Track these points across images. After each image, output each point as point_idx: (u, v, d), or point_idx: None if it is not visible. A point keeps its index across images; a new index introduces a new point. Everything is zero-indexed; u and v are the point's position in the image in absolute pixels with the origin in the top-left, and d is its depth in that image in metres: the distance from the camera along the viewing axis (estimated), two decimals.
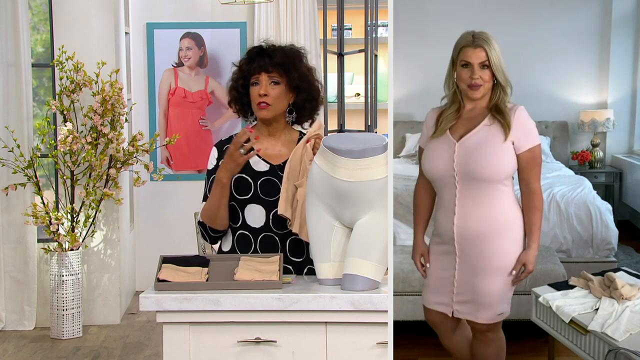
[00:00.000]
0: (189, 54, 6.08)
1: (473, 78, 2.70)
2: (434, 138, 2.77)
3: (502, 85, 2.73)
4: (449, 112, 2.78)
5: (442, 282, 2.85)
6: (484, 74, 2.71)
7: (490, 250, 2.77)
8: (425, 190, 2.85)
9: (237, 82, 2.85)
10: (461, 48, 2.75)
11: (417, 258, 2.84)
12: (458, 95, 2.77)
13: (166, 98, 6.11)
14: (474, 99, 2.75)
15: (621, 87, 4.87)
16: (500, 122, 2.70)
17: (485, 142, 2.71)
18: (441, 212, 2.79)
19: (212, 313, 2.43)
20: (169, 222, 6.12)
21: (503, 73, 2.73)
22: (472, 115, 2.79)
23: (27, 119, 5.11)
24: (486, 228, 2.78)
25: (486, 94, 2.75)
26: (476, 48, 2.72)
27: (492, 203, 2.78)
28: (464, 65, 2.73)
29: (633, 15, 4.78)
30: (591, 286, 2.85)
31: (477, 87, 2.71)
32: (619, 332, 2.65)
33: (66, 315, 5.01)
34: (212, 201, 2.79)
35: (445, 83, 2.83)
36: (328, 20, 5.57)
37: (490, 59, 2.70)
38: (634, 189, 4.80)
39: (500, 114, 2.72)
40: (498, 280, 2.79)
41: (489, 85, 2.73)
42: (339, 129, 5.38)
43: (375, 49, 5.59)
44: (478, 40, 2.72)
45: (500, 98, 2.73)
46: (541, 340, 3.53)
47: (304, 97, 2.86)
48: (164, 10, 6.07)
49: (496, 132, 2.71)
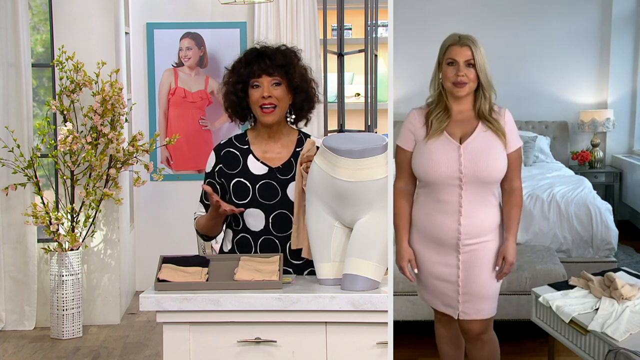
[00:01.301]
0: (189, 54, 6.08)
1: (458, 75, 2.75)
2: (430, 139, 2.77)
3: (484, 87, 2.78)
4: (438, 112, 2.81)
5: (447, 285, 2.86)
6: (469, 72, 2.76)
7: (490, 245, 2.82)
8: (407, 195, 2.87)
9: (236, 86, 2.82)
10: (447, 47, 2.82)
11: (405, 264, 2.86)
12: (443, 95, 2.82)
13: (166, 98, 6.11)
14: (459, 97, 2.79)
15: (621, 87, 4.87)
16: (493, 129, 2.77)
17: (487, 146, 2.76)
18: (441, 215, 2.79)
19: (212, 313, 2.43)
20: (169, 222, 6.12)
21: (486, 75, 2.78)
22: (463, 118, 2.82)
23: (27, 119, 5.11)
24: (491, 224, 2.82)
25: (470, 94, 2.80)
26: (462, 47, 2.78)
27: (493, 202, 2.83)
28: (449, 64, 2.79)
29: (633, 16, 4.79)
30: (591, 286, 2.86)
31: (462, 84, 2.76)
32: (619, 332, 2.65)
33: (66, 315, 5.01)
34: (205, 221, 2.86)
35: (430, 84, 2.88)
36: (328, 20, 5.57)
37: (476, 59, 2.76)
38: (634, 189, 4.81)
39: (489, 122, 2.78)
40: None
41: (473, 85, 2.78)
42: (339, 129, 5.39)
43: (375, 49, 5.60)
44: (464, 40, 2.79)
45: (482, 102, 2.79)
46: (541, 340, 3.54)
47: (303, 97, 2.85)
48: (164, 10, 6.07)
49: (492, 136, 2.78)
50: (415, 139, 2.83)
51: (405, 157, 2.84)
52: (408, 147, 2.84)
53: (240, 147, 2.87)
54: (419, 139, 2.82)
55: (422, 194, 2.85)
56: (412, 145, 2.83)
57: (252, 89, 2.79)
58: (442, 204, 2.78)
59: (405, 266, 2.85)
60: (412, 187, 2.87)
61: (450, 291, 2.86)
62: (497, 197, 2.85)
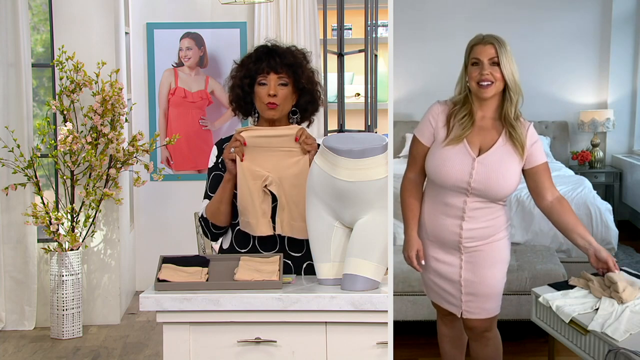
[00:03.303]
0: (189, 54, 6.09)
1: (483, 74, 2.69)
2: (448, 145, 2.74)
3: (511, 89, 2.71)
4: (462, 117, 2.75)
5: (449, 283, 2.87)
6: (494, 71, 2.70)
7: (494, 246, 2.82)
8: (417, 185, 2.84)
9: (243, 80, 2.83)
10: (471, 47, 2.76)
11: (413, 254, 2.81)
12: (469, 98, 2.76)
13: (166, 98, 6.11)
14: (484, 99, 2.73)
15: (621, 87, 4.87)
16: (514, 142, 2.72)
17: (502, 162, 2.71)
18: (444, 217, 2.79)
19: (212, 313, 2.43)
20: (169, 222, 6.13)
21: (513, 75, 2.71)
22: (484, 125, 2.76)
23: (27, 119, 5.11)
24: (493, 229, 2.81)
25: (496, 96, 2.73)
26: (485, 45, 2.72)
27: (498, 207, 2.81)
28: (474, 64, 2.73)
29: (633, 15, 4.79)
30: (591, 286, 2.85)
31: (487, 83, 2.69)
32: (619, 332, 2.65)
33: (66, 315, 5.01)
34: (215, 195, 2.82)
35: (456, 85, 2.82)
36: (328, 20, 5.57)
37: (500, 57, 2.69)
38: (634, 189, 4.80)
39: (514, 130, 2.72)
40: (499, 270, 2.86)
41: (499, 85, 2.71)
42: (339, 129, 5.39)
43: (375, 49, 5.60)
44: (488, 38, 2.73)
45: (508, 106, 2.72)
46: (541, 340, 3.53)
47: (308, 99, 2.86)
48: (164, 10, 6.08)
49: (510, 150, 2.73)
50: (435, 137, 2.77)
51: (422, 151, 2.79)
52: (426, 142, 2.78)
53: None
54: (438, 138, 2.76)
55: (429, 192, 2.85)
56: (430, 141, 2.78)
57: (259, 86, 2.80)
58: (446, 206, 2.77)
59: (413, 256, 2.80)
60: (422, 179, 2.83)
61: (452, 290, 2.86)
62: (504, 201, 2.82)
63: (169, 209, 6.14)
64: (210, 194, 2.88)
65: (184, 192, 6.03)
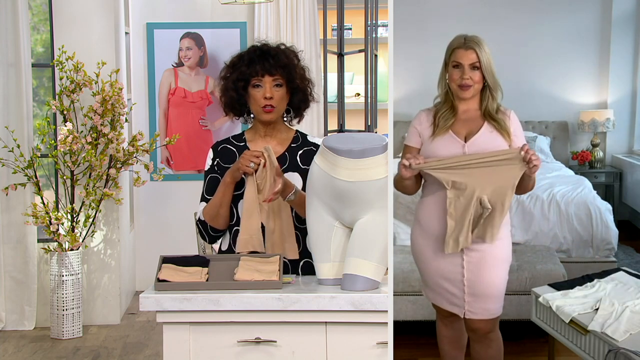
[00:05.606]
0: (189, 54, 6.08)
1: (463, 78, 2.78)
2: (436, 137, 2.80)
3: (491, 87, 2.81)
4: (444, 111, 2.85)
5: (452, 284, 2.87)
6: (474, 75, 2.79)
7: (496, 245, 2.82)
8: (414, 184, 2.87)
9: (237, 83, 2.83)
10: (453, 50, 2.85)
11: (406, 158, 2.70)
12: (450, 95, 2.85)
13: (166, 98, 6.11)
14: (464, 99, 2.82)
15: (621, 87, 4.87)
16: (499, 129, 2.80)
17: (492, 145, 2.79)
18: (444, 215, 2.79)
19: (212, 313, 2.43)
20: (169, 222, 6.12)
21: (493, 75, 2.81)
22: (468, 117, 2.84)
23: (27, 119, 5.11)
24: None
25: (476, 95, 2.83)
26: (467, 50, 2.81)
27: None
28: (455, 66, 2.82)
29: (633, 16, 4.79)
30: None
31: (467, 87, 2.79)
32: (619, 332, 2.65)
33: (66, 315, 5.01)
34: (215, 199, 2.82)
35: (438, 84, 2.91)
36: (328, 20, 5.57)
37: (481, 61, 2.79)
38: (634, 189, 4.80)
39: (495, 121, 2.81)
40: (502, 270, 2.87)
41: (478, 87, 2.81)
42: (339, 129, 5.39)
43: (375, 49, 5.60)
44: (469, 43, 2.81)
45: (489, 102, 2.82)
46: (541, 340, 3.54)
47: (300, 97, 2.88)
48: (164, 10, 6.07)
49: (497, 136, 2.80)
50: (422, 138, 2.85)
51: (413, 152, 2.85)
52: (415, 144, 2.87)
53: (237, 145, 2.92)
54: (425, 138, 2.84)
55: (427, 192, 2.86)
56: (418, 142, 2.86)
57: (253, 88, 2.80)
58: (443, 202, 2.78)
59: (408, 158, 2.70)
60: (417, 179, 2.87)
61: (455, 290, 2.86)
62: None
63: (169, 209, 6.14)
64: (207, 196, 2.88)
65: (184, 192, 6.03)
